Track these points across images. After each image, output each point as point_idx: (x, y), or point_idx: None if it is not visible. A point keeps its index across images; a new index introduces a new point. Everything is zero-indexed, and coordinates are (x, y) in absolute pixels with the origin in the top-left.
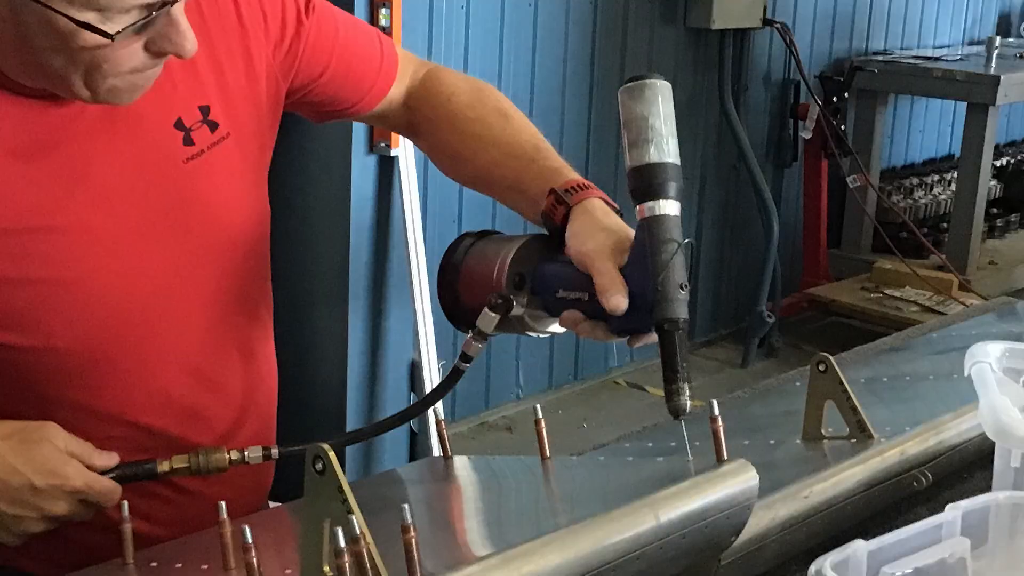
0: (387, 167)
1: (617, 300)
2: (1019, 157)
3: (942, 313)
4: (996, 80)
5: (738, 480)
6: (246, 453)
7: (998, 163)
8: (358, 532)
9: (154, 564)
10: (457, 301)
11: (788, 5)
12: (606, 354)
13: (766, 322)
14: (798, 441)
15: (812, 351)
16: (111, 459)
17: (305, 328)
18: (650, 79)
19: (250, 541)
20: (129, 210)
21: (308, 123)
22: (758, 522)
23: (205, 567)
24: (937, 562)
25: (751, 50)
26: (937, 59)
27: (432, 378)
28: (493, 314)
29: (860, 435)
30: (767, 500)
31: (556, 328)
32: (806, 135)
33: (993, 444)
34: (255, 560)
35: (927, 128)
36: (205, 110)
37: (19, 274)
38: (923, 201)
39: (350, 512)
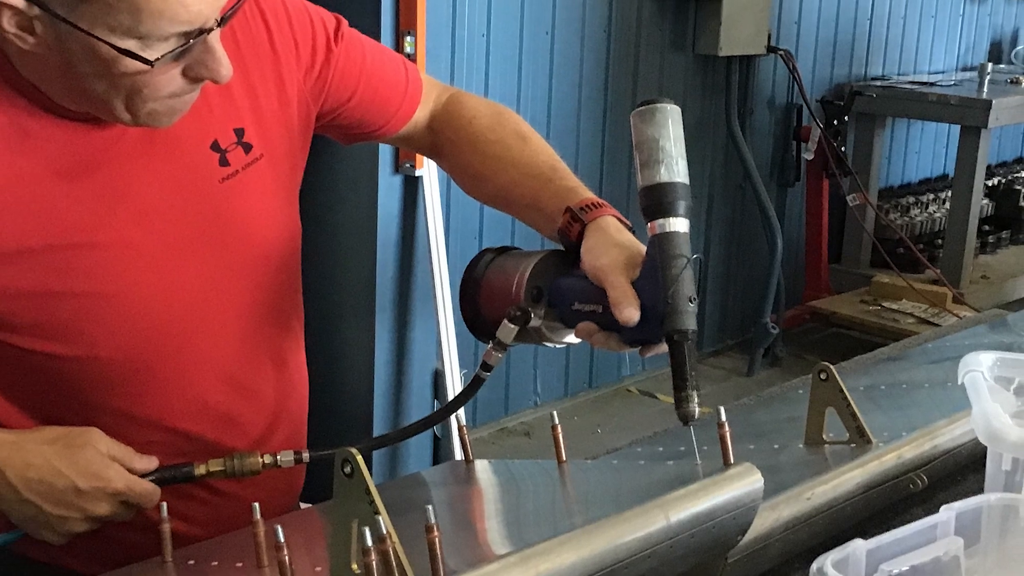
0: (412, 187)
1: (630, 312)
2: (1010, 177)
3: (937, 325)
4: (988, 104)
5: (744, 482)
6: (278, 457)
7: (990, 183)
8: (384, 532)
9: (191, 562)
10: (478, 313)
11: (791, 33)
12: (619, 363)
13: (770, 333)
14: (800, 446)
15: (814, 360)
16: (151, 463)
17: (334, 338)
18: (661, 103)
19: (282, 540)
20: (167, 227)
21: (337, 145)
22: (763, 522)
23: (240, 565)
24: (932, 560)
25: (756, 76)
26: (932, 84)
27: (454, 386)
28: (512, 325)
29: (859, 440)
30: (771, 501)
31: (572, 339)
32: (808, 156)
33: (985, 448)
34: (287, 558)
35: (923, 150)
36: (240, 132)
37: (64, 287)
38: (919, 219)
39: (377, 513)
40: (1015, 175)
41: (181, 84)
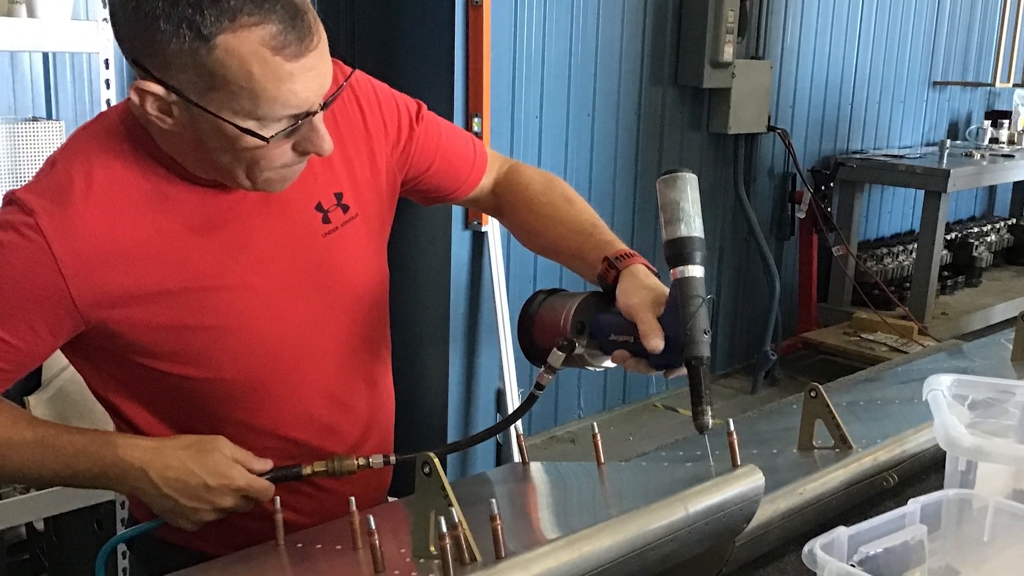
0: (479, 240)
1: (656, 342)
2: (964, 232)
3: (905, 352)
4: (947, 173)
5: (748, 480)
6: (370, 460)
7: (948, 237)
8: (456, 520)
9: (299, 545)
10: (532, 343)
11: (787, 115)
12: (647, 384)
13: (770, 359)
14: (794, 451)
15: (805, 381)
16: (266, 464)
17: (416, 363)
18: (681, 172)
19: (373, 527)
20: (281, 273)
21: (418, 206)
22: (764, 513)
23: (339, 547)
24: (902, 544)
25: (758, 150)
26: (901, 157)
27: (513, 402)
28: (560, 353)
29: (842, 446)
30: (771, 496)
31: (608, 364)
32: (801, 215)
33: (945, 453)
34: (377, 542)
35: (894, 210)
36: (339, 196)
37: (196, 322)
38: (891, 266)
39: (450, 505)
40: (969, 231)
41: (291, 156)
